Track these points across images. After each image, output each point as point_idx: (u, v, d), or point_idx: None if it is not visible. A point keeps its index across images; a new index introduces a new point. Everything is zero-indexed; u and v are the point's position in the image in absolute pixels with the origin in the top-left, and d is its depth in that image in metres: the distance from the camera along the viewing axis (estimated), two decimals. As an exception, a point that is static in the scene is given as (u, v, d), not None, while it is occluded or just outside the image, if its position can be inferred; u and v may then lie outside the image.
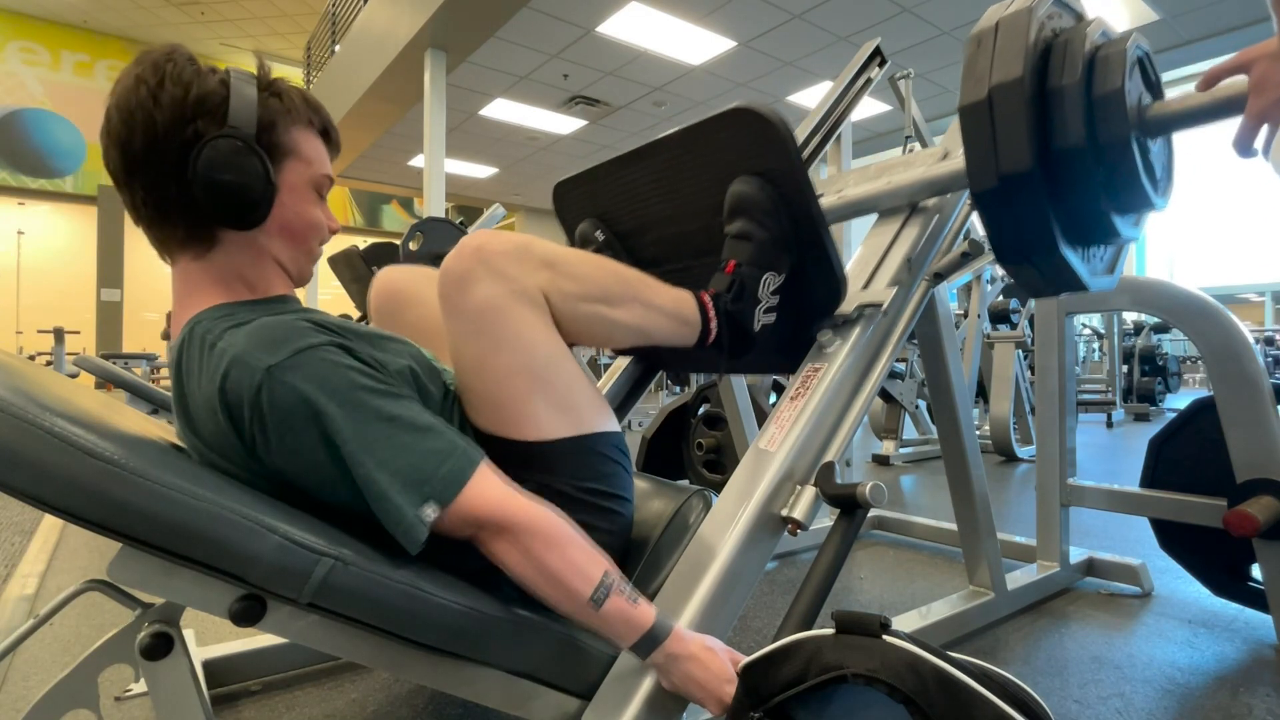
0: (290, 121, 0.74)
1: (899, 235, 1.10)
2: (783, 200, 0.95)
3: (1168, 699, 1.08)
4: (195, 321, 0.71)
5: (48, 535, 2.08)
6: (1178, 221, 13.23)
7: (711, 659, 0.73)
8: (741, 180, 0.96)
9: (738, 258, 0.94)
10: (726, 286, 0.94)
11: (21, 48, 10.08)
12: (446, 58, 5.89)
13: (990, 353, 3.77)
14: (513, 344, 0.77)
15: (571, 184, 1.22)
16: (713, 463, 2.25)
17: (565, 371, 0.81)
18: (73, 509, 0.54)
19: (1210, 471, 1.33)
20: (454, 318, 0.78)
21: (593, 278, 0.85)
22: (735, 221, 0.96)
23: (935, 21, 5.55)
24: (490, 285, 0.76)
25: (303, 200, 0.76)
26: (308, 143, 0.76)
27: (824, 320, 1.03)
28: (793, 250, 0.97)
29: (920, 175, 1.09)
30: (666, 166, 1.06)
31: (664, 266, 1.14)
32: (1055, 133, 0.83)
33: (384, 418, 0.66)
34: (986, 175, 0.85)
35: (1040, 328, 1.60)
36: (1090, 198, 0.85)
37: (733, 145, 0.96)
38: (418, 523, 0.65)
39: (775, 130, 0.92)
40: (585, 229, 1.20)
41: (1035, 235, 0.86)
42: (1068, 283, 0.92)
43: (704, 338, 0.93)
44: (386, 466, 0.64)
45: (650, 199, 1.11)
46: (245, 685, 1.13)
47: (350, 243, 4.00)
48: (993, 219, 0.89)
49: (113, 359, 5.98)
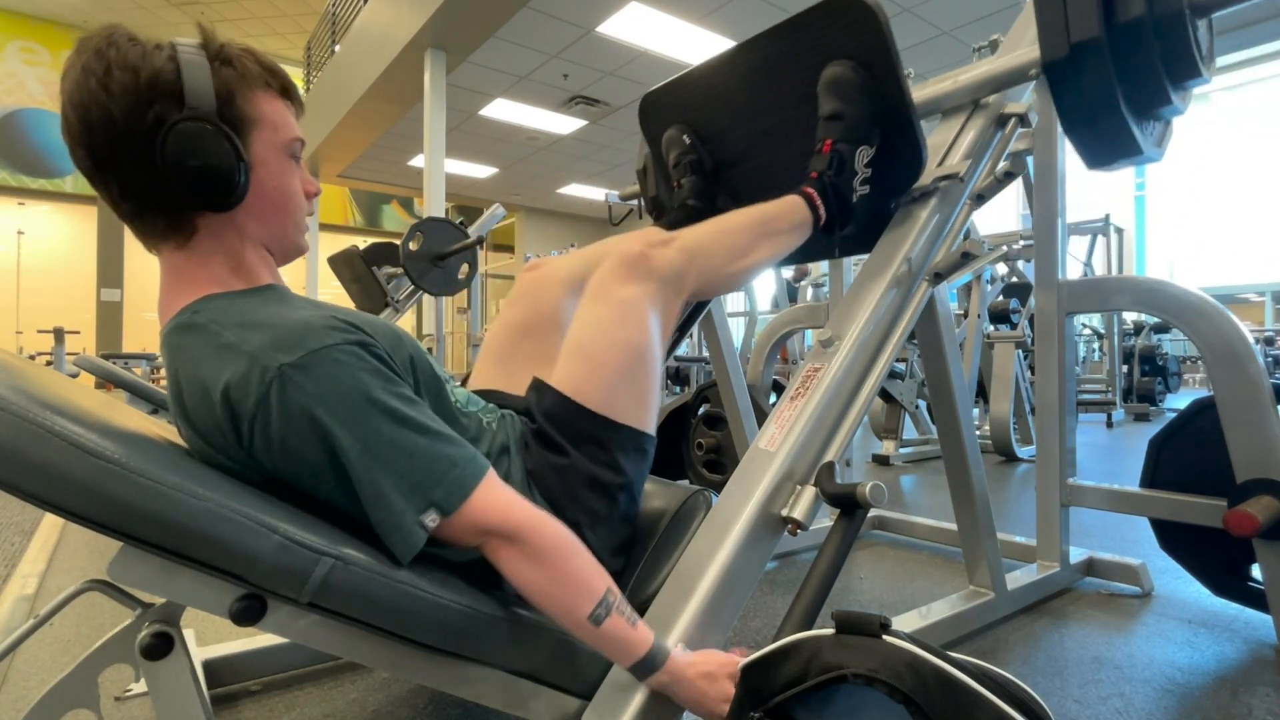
0: (248, 88, 0.71)
1: (966, 124, 1.18)
2: (872, 80, 1.05)
3: (1168, 699, 1.08)
4: (192, 310, 0.69)
5: (48, 535, 2.08)
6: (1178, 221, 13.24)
7: (707, 684, 0.72)
8: (835, 64, 1.07)
9: (832, 136, 1.05)
10: (827, 164, 1.05)
11: (21, 48, 10.07)
12: (446, 58, 5.89)
13: (990, 353, 3.76)
14: (640, 330, 0.87)
15: (660, 93, 1.35)
16: (713, 463, 2.24)
17: (655, 374, 0.90)
18: (73, 508, 0.54)
19: (1210, 471, 1.33)
20: (599, 299, 0.88)
21: (728, 243, 0.99)
22: (829, 102, 1.06)
23: (935, 21, 5.55)
24: (648, 284, 0.89)
25: (279, 170, 0.74)
26: (271, 107, 0.73)
27: (904, 195, 1.12)
28: (880, 126, 1.07)
29: (984, 72, 1.17)
30: (761, 63, 1.17)
31: (747, 163, 1.26)
32: (1118, 8, 0.95)
33: (395, 420, 0.65)
34: (1059, 45, 0.98)
35: (1040, 328, 1.60)
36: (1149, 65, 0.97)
37: (826, 35, 1.07)
38: (416, 529, 0.64)
39: (873, 14, 1.02)
40: (672, 134, 1.32)
41: (1100, 100, 0.99)
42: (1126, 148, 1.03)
43: (815, 224, 1.06)
44: (392, 470, 0.64)
45: (737, 99, 1.22)
46: (245, 685, 1.13)
47: (350, 243, 4.00)
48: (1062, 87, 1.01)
49: (113, 359, 5.98)
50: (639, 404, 0.88)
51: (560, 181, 10.36)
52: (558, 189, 10.75)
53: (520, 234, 11.99)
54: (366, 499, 0.64)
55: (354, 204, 13.05)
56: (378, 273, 3.49)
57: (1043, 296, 1.59)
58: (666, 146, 1.31)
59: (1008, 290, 4.07)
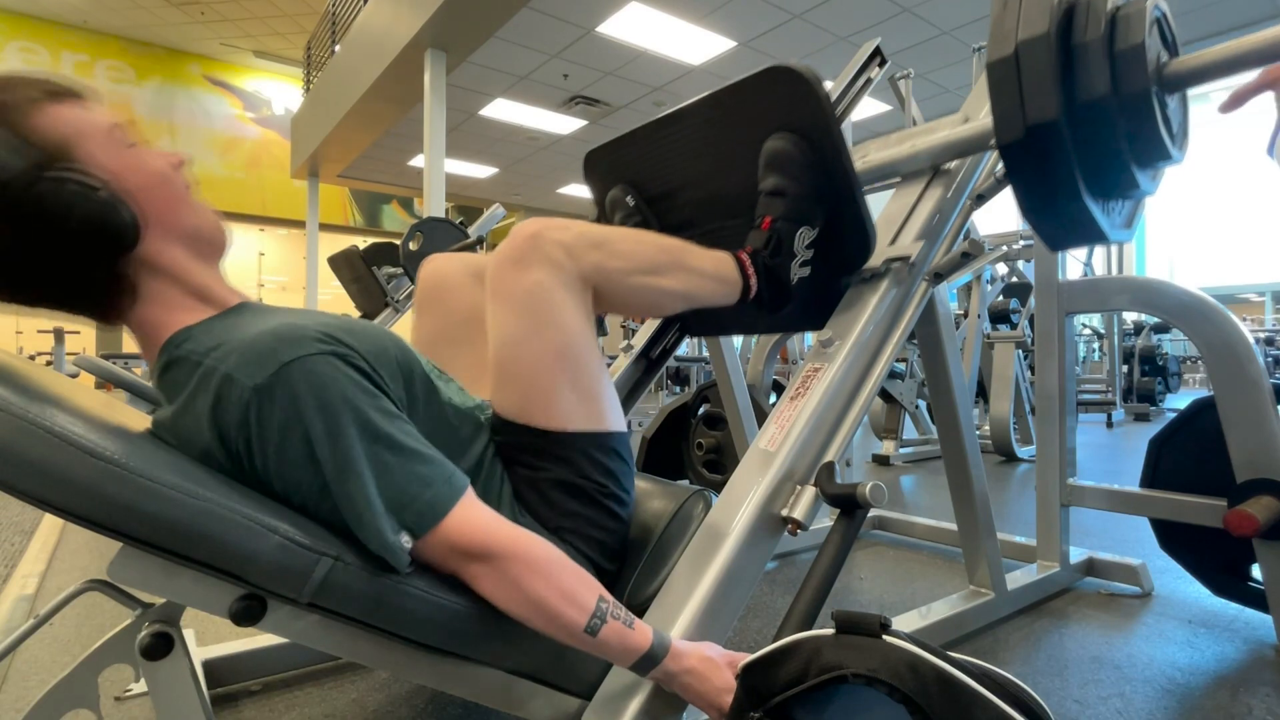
0: (26, 118, 0.62)
1: (923, 195, 1.15)
2: (816, 155, 0.99)
3: (1168, 699, 1.08)
4: (173, 345, 0.68)
5: (48, 535, 2.08)
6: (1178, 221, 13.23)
7: (710, 670, 0.72)
8: (776, 137, 1.00)
9: (773, 213, 0.98)
10: (764, 243, 0.97)
11: (21, 48, 10.08)
12: (446, 58, 5.89)
13: (990, 353, 3.76)
14: (556, 327, 0.80)
15: (602, 151, 1.26)
16: (713, 463, 2.24)
17: (594, 364, 0.84)
18: (73, 508, 0.54)
19: (1210, 471, 1.33)
20: (502, 298, 0.81)
21: (638, 252, 0.89)
22: (770, 178, 0.99)
23: (935, 21, 5.55)
24: (542, 270, 0.79)
25: (131, 164, 0.67)
26: (62, 117, 0.64)
27: (853, 275, 1.07)
28: (826, 203, 1.01)
29: (943, 138, 1.13)
30: (701, 128, 1.10)
31: (694, 229, 1.18)
32: (1079, 86, 0.87)
33: (369, 436, 0.64)
34: (1014, 126, 0.89)
35: (1040, 328, 1.60)
36: (1113, 149, 0.89)
37: (767, 104, 1.01)
38: (398, 548, 0.63)
39: (810, 87, 0.96)
40: (616, 195, 1.24)
41: (1059, 185, 0.90)
42: (1088, 233, 0.96)
43: (744, 295, 0.97)
44: (366, 488, 0.63)
45: (683, 162, 1.15)
46: (245, 685, 1.13)
47: (350, 243, 4.00)
48: (1018, 170, 0.93)
49: (113, 359, 5.97)
50: (586, 402, 0.82)
51: (560, 181, 10.36)
52: (558, 189, 10.75)
53: (520, 234, 11.96)
54: (346, 516, 0.63)
55: (354, 204, 13.05)
56: (377, 273, 3.49)
57: (1043, 296, 1.59)
58: (610, 207, 1.24)
59: (1008, 290, 4.07)
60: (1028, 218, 0.98)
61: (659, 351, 1.43)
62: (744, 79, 1.01)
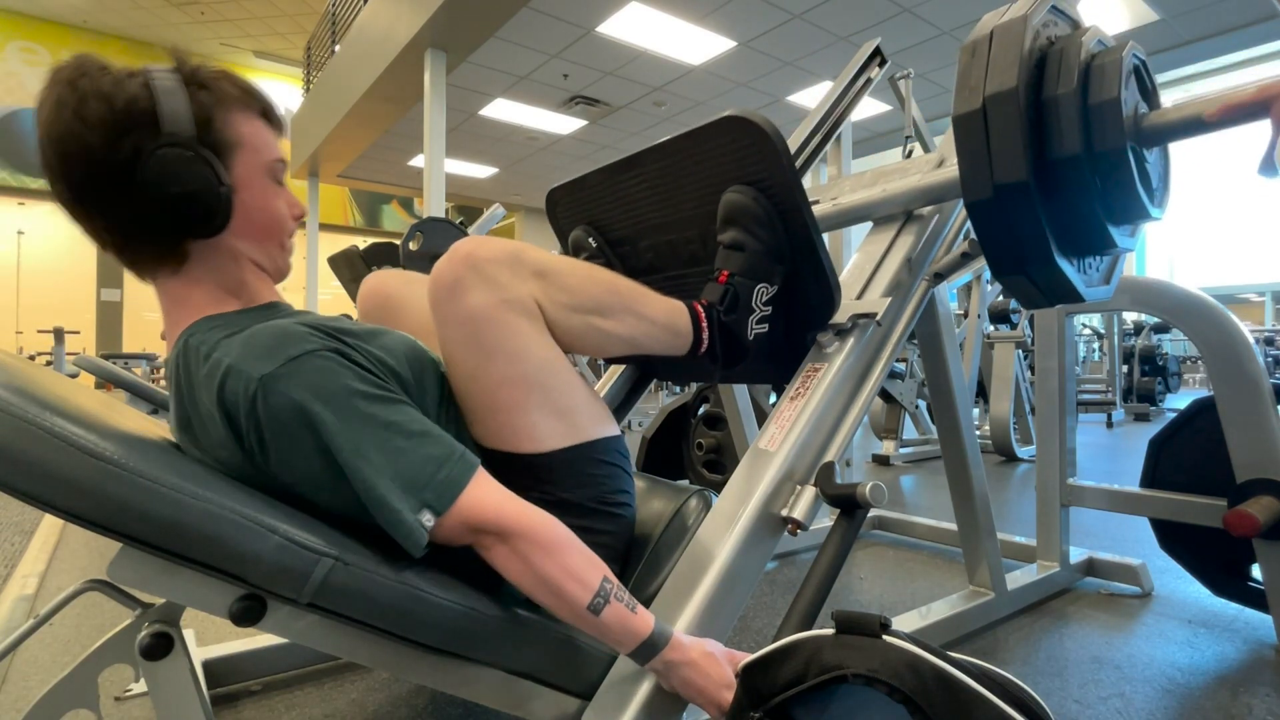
0: (226, 111, 0.69)
1: (894, 243, 1.10)
2: (776, 210, 0.94)
3: (1168, 699, 1.08)
4: (189, 334, 0.70)
5: (48, 535, 2.08)
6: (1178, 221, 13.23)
7: (710, 664, 0.72)
8: (735, 189, 0.95)
9: (730, 268, 0.94)
10: (720, 297, 0.93)
11: (21, 48, 10.08)
12: (446, 58, 5.89)
13: (990, 353, 3.77)
14: (506, 353, 0.76)
15: (564, 191, 1.22)
16: (713, 463, 2.25)
17: (560, 379, 0.80)
18: (72, 509, 0.54)
19: (1210, 471, 1.33)
20: (446, 325, 0.77)
21: (584, 289, 0.83)
22: (728, 231, 0.95)
23: (935, 21, 5.55)
24: (481, 293, 0.74)
25: (262, 193, 0.73)
26: (251, 129, 0.72)
27: (817, 331, 1.02)
28: (786, 260, 0.97)
29: (915, 183, 1.09)
30: (660, 174, 1.05)
31: (657, 275, 1.13)
32: (1051, 143, 0.82)
33: (379, 423, 0.65)
34: (981, 186, 0.84)
35: (1040, 328, 1.60)
36: (1086, 208, 0.84)
37: (725, 153, 0.95)
38: (418, 527, 0.64)
39: (768, 140, 0.91)
40: (578, 236, 1.20)
41: (1030, 246, 0.85)
42: (1063, 294, 0.91)
43: (696, 347, 0.92)
44: (383, 473, 0.64)
45: (643, 207, 1.10)
46: (245, 685, 1.13)
47: (350, 243, 4.00)
48: (986, 230, 0.88)
49: (113, 359, 5.98)
50: (560, 419, 0.79)
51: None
52: (558, 189, 10.75)
53: (520, 234, 11.99)
54: (367, 501, 0.64)
55: (354, 204, 13.05)
56: (367, 277, 3.49)
57: (1043, 296, 1.58)
58: (574, 247, 1.21)
59: (1008, 290, 4.06)
60: (998, 279, 0.94)
61: (659, 351, 1.42)
62: (700, 127, 0.96)
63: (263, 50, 11.31)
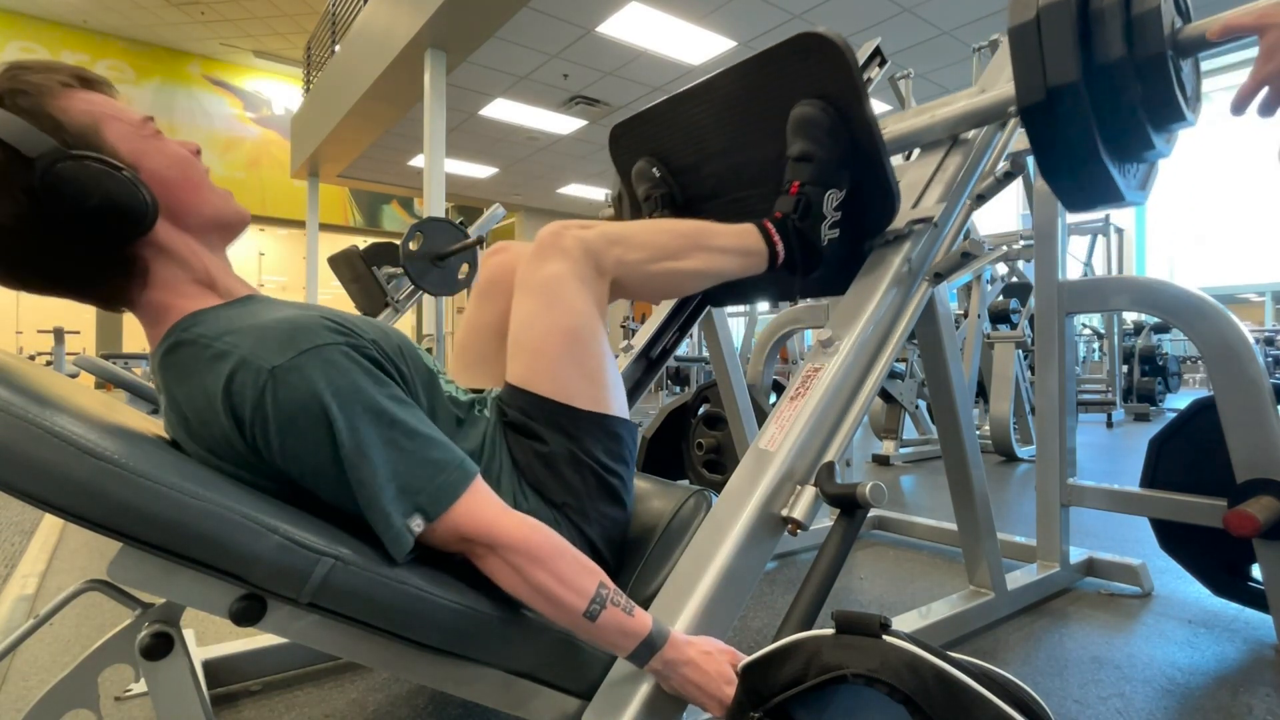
0: (55, 100, 0.64)
1: (943, 163, 1.17)
2: (843, 120, 1.01)
3: (1168, 699, 1.08)
4: (181, 328, 0.68)
5: (48, 535, 2.08)
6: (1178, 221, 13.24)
7: (709, 662, 0.72)
8: (804, 103, 1.03)
9: (800, 178, 1.01)
10: (793, 207, 1.01)
11: (21, 48, 10.07)
12: (446, 58, 5.89)
13: (990, 353, 3.76)
14: (564, 308, 0.86)
15: (628, 125, 1.30)
16: (713, 463, 2.24)
17: (599, 350, 0.88)
18: (72, 508, 0.54)
19: (1210, 471, 1.33)
20: (523, 290, 0.88)
21: (655, 241, 0.95)
22: (797, 143, 1.02)
23: (935, 21, 5.55)
24: (558, 262, 0.87)
25: (153, 149, 0.69)
26: (87, 104, 0.66)
27: (877, 237, 1.09)
28: (851, 169, 1.04)
29: (961, 107, 1.16)
30: (725, 100, 1.13)
31: (719, 199, 1.21)
32: (1097, 50, 0.90)
33: (385, 421, 0.65)
34: (1035, 89, 0.93)
35: (1040, 328, 1.60)
36: (1129, 110, 0.92)
37: (795, 71, 1.03)
38: (404, 532, 0.64)
39: (840, 53, 0.99)
40: (642, 166, 1.27)
41: (1078, 145, 0.93)
42: (1106, 194, 0.98)
43: (773, 261, 1.01)
44: (381, 471, 0.64)
45: (707, 133, 1.18)
46: (245, 685, 1.13)
47: (350, 243, 4.00)
48: (1038, 132, 0.96)
49: (113, 359, 5.97)
50: (590, 383, 0.86)
51: (560, 181, 10.36)
52: (558, 189, 10.74)
53: (520, 234, 11.98)
54: (359, 498, 0.64)
55: (354, 204, 13.04)
56: (377, 273, 3.49)
57: (1043, 296, 1.59)
58: (636, 179, 1.27)
59: (1008, 290, 4.07)
60: (1047, 179, 1.01)
61: (659, 351, 1.43)
62: (774, 47, 1.04)
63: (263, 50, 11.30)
